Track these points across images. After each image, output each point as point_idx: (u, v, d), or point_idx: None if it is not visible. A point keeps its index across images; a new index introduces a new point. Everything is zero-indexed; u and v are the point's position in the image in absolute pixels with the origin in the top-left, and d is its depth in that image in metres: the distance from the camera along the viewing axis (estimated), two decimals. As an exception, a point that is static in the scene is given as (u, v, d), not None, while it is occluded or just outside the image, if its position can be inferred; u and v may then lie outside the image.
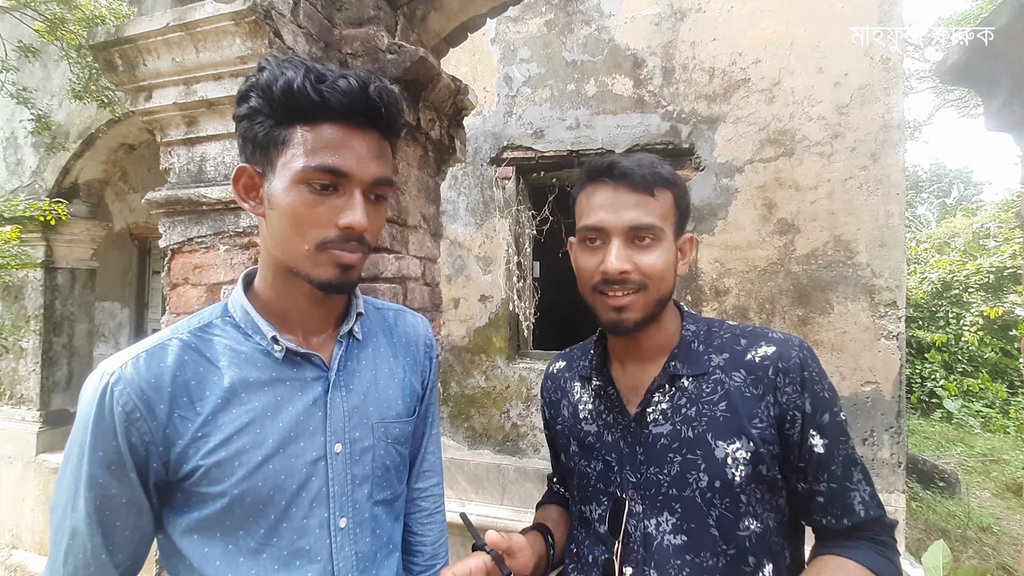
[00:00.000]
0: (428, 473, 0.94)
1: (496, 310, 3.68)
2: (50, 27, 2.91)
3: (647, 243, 0.77)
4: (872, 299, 2.99)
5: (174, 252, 1.53)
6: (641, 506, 0.79)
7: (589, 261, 0.80)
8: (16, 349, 3.79)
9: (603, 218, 0.77)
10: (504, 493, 3.52)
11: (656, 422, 0.80)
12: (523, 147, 3.64)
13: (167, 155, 1.56)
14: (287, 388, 0.72)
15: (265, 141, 0.68)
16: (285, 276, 0.73)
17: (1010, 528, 4.12)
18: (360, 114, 0.67)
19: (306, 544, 0.71)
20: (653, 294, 0.78)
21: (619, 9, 3.49)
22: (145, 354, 0.68)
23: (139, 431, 0.65)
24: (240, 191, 0.73)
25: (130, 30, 1.41)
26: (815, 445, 0.75)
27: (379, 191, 0.72)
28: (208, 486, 0.67)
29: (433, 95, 1.72)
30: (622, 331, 0.79)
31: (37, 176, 3.82)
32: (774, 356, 0.78)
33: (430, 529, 0.92)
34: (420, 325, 0.94)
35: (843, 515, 0.75)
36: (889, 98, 2.99)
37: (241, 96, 0.70)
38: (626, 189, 0.77)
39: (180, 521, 0.69)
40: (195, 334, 0.72)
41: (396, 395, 0.83)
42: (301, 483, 0.71)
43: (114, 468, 0.65)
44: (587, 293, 0.82)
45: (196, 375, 0.69)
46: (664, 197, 0.79)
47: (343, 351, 0.78)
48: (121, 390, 0.65)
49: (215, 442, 0.67)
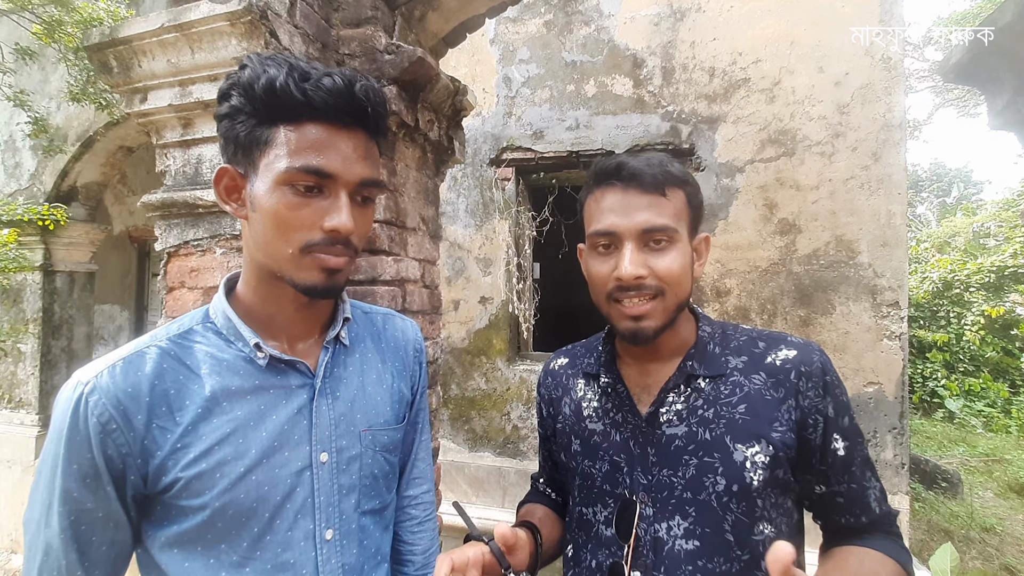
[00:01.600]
0: (418, 480, 0.92)
1: (496, 312, 3.67)
2: (48, 30, 2.90)
3: (662, 246, 0.75)
4: (874, 299, 2.97)
5: (170, 255, 1.51)
6: (652, 509, 0.77)
7: (602, 268, 0.77)
8: (15, 352, 3.77)
9: (614, 222, 0.75)
10: (505, 496, 3.51)
11: (670, 423, 0.78)
12: (523, 148, 3.63)
13: (163, 157, 1.54)
14: (271, 396, 0.70)
15: (247, 141, 0.66)
16: (269, 280, 0.71)
17: (1013, 528, 4.10)
18: (346, 113, 0.65)
19: (291, 557, 0.69)
20: (671, 299, 0.75)
21: (618, 9, 3.48)
22: (122, 362, 0.66)
23: (115, 443, 0.62)
24: (222, 193, 0.71)
25: (125, 31, 1.40)
26: (837, 449, 0.75)
27: (366, 193, 0.70)
28: (188, 499, 0.64)
29: (432, 96, 1.70)
30: (641, 340, 0.76)
31: (35, 179, 3.81)
32: (796, 360, 0.77)
33: (420, 538, 0.90)
34: (409, 329, 0.92)
35: (861, 513, 0.76)
36: (890, 97, 2.98)
37: (222, 94, 0.67)
38: (636, 191, 0.75)
39: (159, 535, 0.66)
40: (174, 341, 0.69)
41: (384, 401, 0.81)
42: (285, 494, 0.68)
43: (89, 481, 0.62)
44: (601, 301, 0.79)
45: (176, 384, 0.66)
46: (676, 196, 0.76)
47: (329, 357, 0.76)
48: (96, 400, 0.62)
49: (195, 453, 0.65)
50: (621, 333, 0.78)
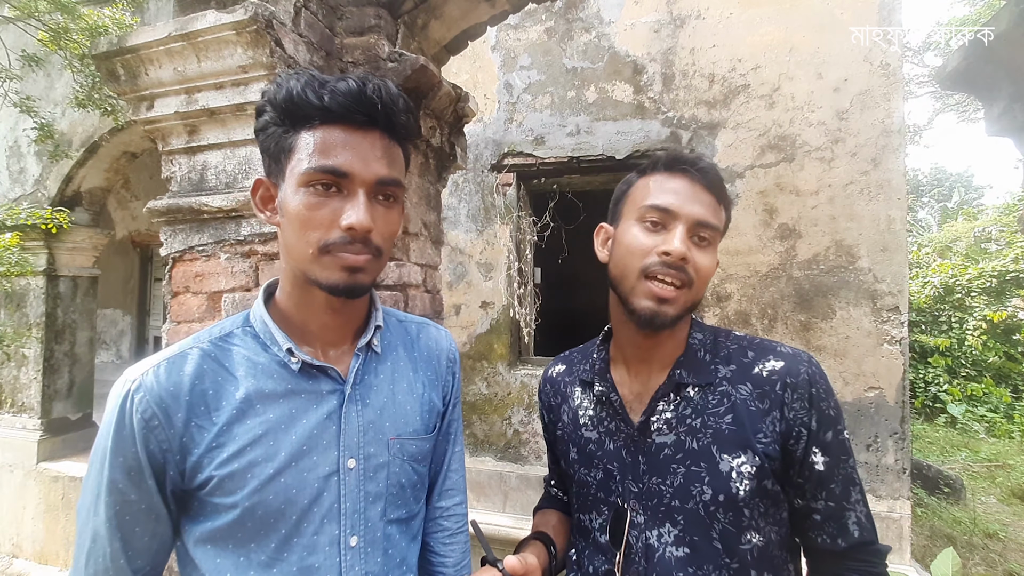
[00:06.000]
0: (451, 492, 0.91)
1: (497, 316, 3.67)
2: (54, 37, 2.94)
3: (705, 243, 0.78)
4: (874, 304, 2.98)
5: (175, 260, 1.53)
6: (643, 516, 0.78)
7: (647, 240, 0.77)
8: (18, 357, 3.79)
9: (676, 202, 0.77)
10: (506, 500, 3.50)
11: (660, 431, 0.79)
12: (524, 153, 3.65)
13: (168, 164, 1.56)
14: (302, 400, 0.72)
15: (276, 151, 0.70)
16: (302, 286, 0.73)
17: (1016, 534, 4.07)
18: (360, 113, 0.68)
19: (315, 561, 0.69)
20: (695, 294, 0.77)
21: (619, 16, 3.51)
22: (166, 362, 0.69)
23: (157, 439, 0.66)
24: (258, 203, 0.74)
25: (132, 40, 1.42)
26: (816, 463, 0.74)
27: (386, 191, 0.71)
28: (221, 497, 0.67)
29: (434, 102, 1.72)
30: (658, 324, 0.76)
31: (40, 184, 3.84)
32: (783, 371, 0.77)
33: (452, 550, 0.89)
34: (443, 339, 0.92)
35: (838, 535, 0.75)
36: (889, 103, 2.99)
37: (258, 111, 0.72)
38: (703, 186, 0.78)
39: (195, 530, 0.69)
40: (215, 343, 0.72)
41: (414, 411, 0.81)
42: (313, 498, 0.70)
43: (133, 474, 0.65)
44: (629, 275, 0.78)
45: (214, 384, 0.69)
46: (725, 206, 0.81)
47: (360, 364, 0.77)
48: (141, 397, 0.66)
49: (228, 453, 0.67)
50: (639, 313, 0.76)
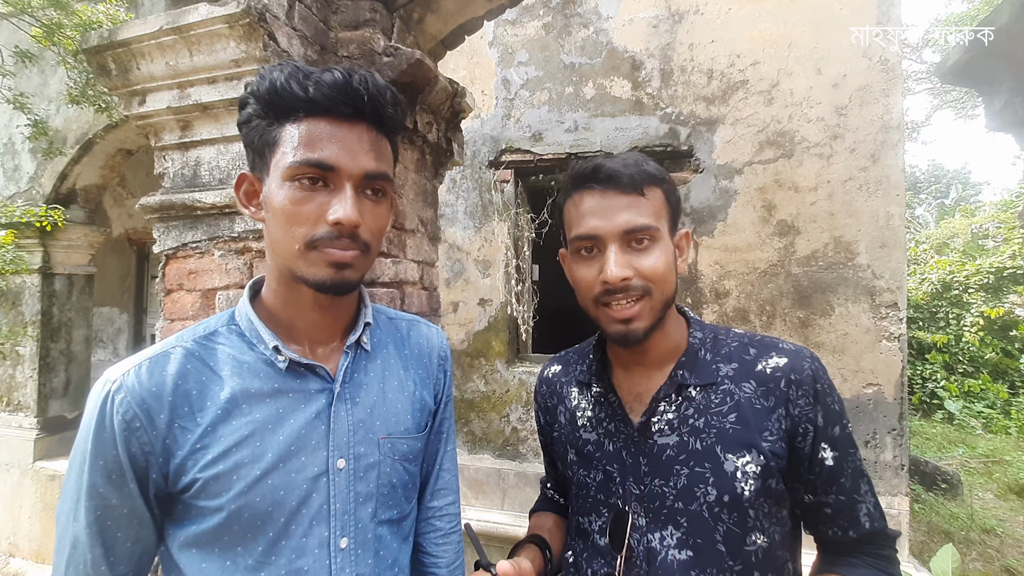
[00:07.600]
0: (443, 491, 0.90)
1: (495, 314, 3.66)
2: (47, 33, 2.90)
3: (644, 245, 0.74)
4: (873, 300, 2.97)
5: (169, 258, 1.51)
6: (644, 519, 0.76)
7: (587, 272, 0.76)
8: (13, 355, 3.76)
9: (595, 225, 0.74)
10: (504, 498, 3.50)
11: (661, 432, 0.77)
12: (521, 150, 3.64)
13: (161, 160, 1.54)
14: (290, 400, 0.70)
15: (260, 144, 0.68)
16: (288, 282, 0.71)
17: (1014, 530, 4.09)
18: (346, 106, 0.65)
19: (304, 564, 0.68)
20: (658, 297, 0.75)
21: (617, 12, 3.49)
22: (148, 362, 0.67)
23: (139, 441, 0.63)
24: (242, 198, 0.72)
25: (123, 34, 1.40)
26: (825, 458, 0.74)
27: (375, 186, 0.69)
28: (206, 500, 0.64)
29: (430, 98, 1.70)
30: (632, 342, 0.75)
31: (35, 182, 3.81)
32: (786, 367, 0.76)
33: (445, 550, 0.88)
34: (435, 336, 0.90)
35: (849, 527, 0.75)
36: (888, 99, 2.98)
37: (240, 104, 0.70)
38: (615, 192, 0.74)
39: (179, 534, 0.67)
40: (199, 342, 0.70)
41: (405, 409, 0.79)
42: (301, 499, 0.68)
43: (114, 478, 0.63)
44: (588, 306, 0.78)
45: (198, 384, 0.67)
46: (655, 195, 0.76)
47: (350, 362, 0.75)
48: (122, 399, 0.63)
49: (213, 454, 0.65)
50: (611, 336, 0.77)
